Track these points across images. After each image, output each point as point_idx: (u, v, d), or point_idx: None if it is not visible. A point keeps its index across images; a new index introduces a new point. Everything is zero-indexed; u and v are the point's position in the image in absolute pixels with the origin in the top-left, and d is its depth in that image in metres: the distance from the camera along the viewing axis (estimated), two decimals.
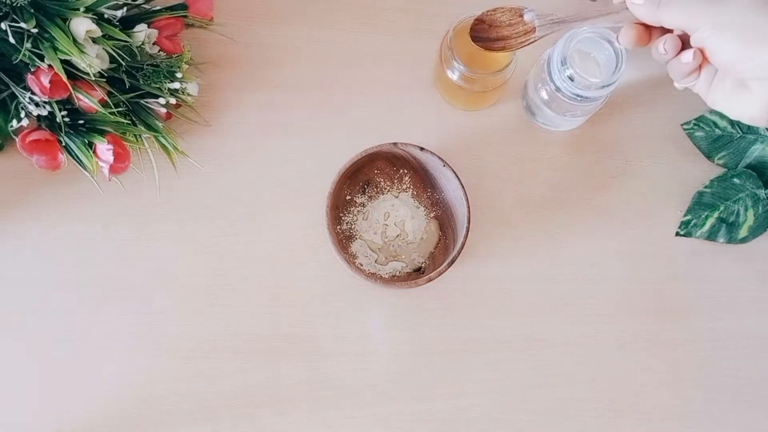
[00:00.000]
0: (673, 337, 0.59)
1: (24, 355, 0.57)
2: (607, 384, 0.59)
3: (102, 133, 0.54)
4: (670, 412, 0.58)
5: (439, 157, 0.56)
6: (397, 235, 0.60)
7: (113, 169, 0.55)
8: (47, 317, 0.58)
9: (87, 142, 0.55)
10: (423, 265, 0.59)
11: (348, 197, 0.60)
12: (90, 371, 0.57)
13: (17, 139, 0.53)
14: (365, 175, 0.60)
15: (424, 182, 0.60)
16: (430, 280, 0.54)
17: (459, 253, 0.54)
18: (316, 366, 0.58)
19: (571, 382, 0.59)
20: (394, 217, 0.60)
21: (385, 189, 0.60)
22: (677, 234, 0.61)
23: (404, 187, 0.60)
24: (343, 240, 0.59)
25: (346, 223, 0.59)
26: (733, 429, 0.58)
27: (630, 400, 0.58)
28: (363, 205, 0.60)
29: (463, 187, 0.55)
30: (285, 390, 0.58)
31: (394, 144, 0.56)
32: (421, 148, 0.56)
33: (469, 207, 0.55)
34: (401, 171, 0.60)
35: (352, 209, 0.60)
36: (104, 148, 0.54)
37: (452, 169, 0.55)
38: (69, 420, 0.56)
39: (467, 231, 0.54)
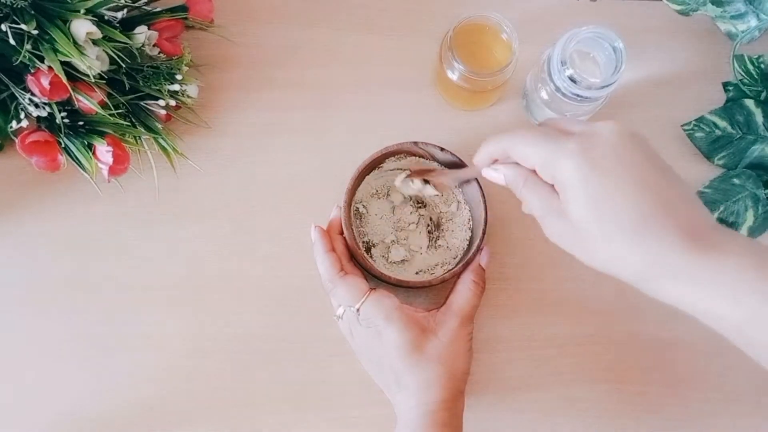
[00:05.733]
0: (673, 337, 0.59)
1: (23, 355, 0.57)
2: (607, 384, 0.59)
3: (101, 134, 0.54)
4: (670, 412, 0.58)
5: (458, 158, 0.55)
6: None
7: (112, 171, 0.55)
8: (47, 317, 0.58)
9: (86, 143, 0.54)
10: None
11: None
12: (89, 371, 0.57)
13: (17, 140, 0.53)
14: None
15: None
16: (444, 280, 0.54)
17: (475, 254, 0.54)
18: (317, 366, 0.58)
19: (571, 382, 0.59)
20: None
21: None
22: None
23: None
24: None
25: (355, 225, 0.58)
26: (733, 429, 0.58)
27: (630, 400, 0.58)
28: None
29: (481, 188, 0.55)
30: (285, 390, 0.58)
31: (415, 143, 0.56)
32: (442, 149, 0.56)
33: (486, 209, 0.55)
34: None
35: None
36: (104, 150, 0.54)
37: None
38: (68, 420, 0.57)
39: (483, 233, 0.54)
